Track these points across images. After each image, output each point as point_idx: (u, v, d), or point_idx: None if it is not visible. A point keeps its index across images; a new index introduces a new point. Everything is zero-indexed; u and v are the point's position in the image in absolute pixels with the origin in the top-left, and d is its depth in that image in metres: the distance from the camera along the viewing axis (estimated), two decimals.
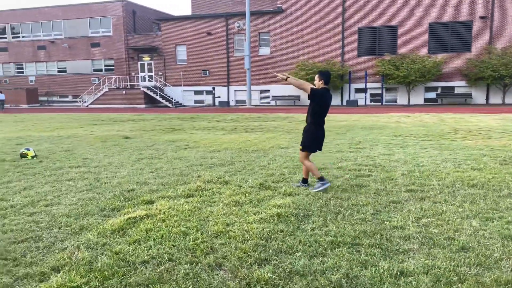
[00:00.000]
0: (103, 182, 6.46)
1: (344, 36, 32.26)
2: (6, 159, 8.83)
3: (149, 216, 4.52)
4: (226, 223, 4.27)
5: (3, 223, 4.43)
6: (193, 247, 3.65)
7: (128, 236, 3.95)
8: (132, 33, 37.92)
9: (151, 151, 9.74)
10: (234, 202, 5.07)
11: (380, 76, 31.01)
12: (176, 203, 5.02)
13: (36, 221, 4.51)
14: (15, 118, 23.23)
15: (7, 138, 13.03)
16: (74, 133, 14.09)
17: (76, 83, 39.70)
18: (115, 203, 5.13)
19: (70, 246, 3.75)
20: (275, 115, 21.51)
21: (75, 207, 5.05)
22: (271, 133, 13.11)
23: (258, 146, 10.07)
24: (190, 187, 5.90)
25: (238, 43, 35.38)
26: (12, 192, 5.90)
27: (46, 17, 39.90)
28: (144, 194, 5.57)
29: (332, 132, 13.03)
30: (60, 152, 9.83)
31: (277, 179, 6.36)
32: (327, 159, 8.10)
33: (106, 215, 4.70)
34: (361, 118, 18.41)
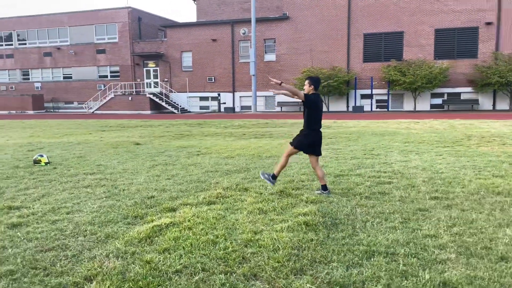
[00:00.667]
0: (121, 189, 6.40)
1: (350, 42, 32.27)
2: (19, 165, 8.80)
3: (174, 224, 4.45)
4: (253, 232, 4.20)
5: (27, 231, 4.37)
6: (225, 256, 3.57)
7: (157, 245, 3.88)
8: (138, 39, 38.07)
9: (164, 158, 9.68)
10: (257, 209, 5.00)
11: (386, 82, 30.97)
12: (200, 211, 4.96)
13: (60, 229, 4.45)
14: (22, 124, 23.26)
15: (18, 144, 13.01)
16: (84, 139, 14.07)
17: (81, 89, 39.81)
18: (138, 211, 5.07)
19: (99, 255, 3.68)
20: (282, 121, 21.47)
21: (97, 214, 4.99)
22: (282, 139, 13.04)
23: (271, 152, 10.01)
24: (210, 194, 5.84)
25: (244, 50, 35.45)
26: (31, 199, 5.84)
27: (52, 24, 40.13)
28: (165, 201, 5.51)
29: (344, 138, 12.96)
30: (73, 158, 9.79)
31: (297, 186, 6.28)
32: (344, 166, 8.02)
33: (130, 223, 4.63)
34: (370, 124, 18.34)
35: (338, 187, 6.21)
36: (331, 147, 10.99)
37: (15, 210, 5.28)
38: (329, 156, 9.34)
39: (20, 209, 5.30)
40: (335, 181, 6.64)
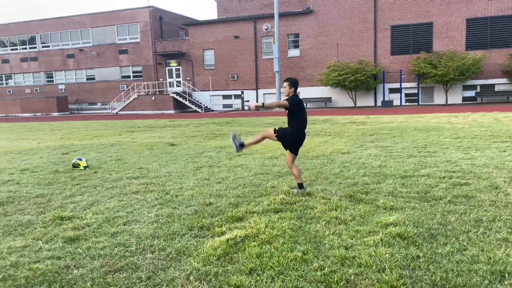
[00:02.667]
0: (173, 194, 5.96)
1: (377, 35, 31.36)
2: (59, 170, 8.47)
3: (249, 237, 3.96)
4: (343, 246, 3.67)
5: (88, 247, 3.95)
6: (325, 279, 3.06)
7: (239, 264, 3.39)
8: (160, 39, 37.90)
9: (205, 159, 9.24)
10: (334, 218, 4.47)
11: (416, 75, 29.96)
12: (270, 220, 4.46)
13: (122, 243, 4.01)
14: (50, 126, 23.25)
15: (51, 147, 12.79)
16: (116, 141, 13.77)
17: (104, 90, 39.92)
18: (201, 221, 4.60)
19: (177, 277, 3.21)
20: (313, 118, 20.84)
21: (157, 225, 4.55)
22: (321, 137, 12.46)
23: (316, 152, 9.46)
24: (273, 200, 5.33)
25: (267, 46, 34.89)
26: (80, 208, 5.45)
27: (74, 25, 40.32)
28: (227, 209, 5.03)
29: (386, 134, 12.30)
30: (111, 161, 9.44)
31: (364, 190, 5.72)
32: (405, 165, 7.41)
33: (198, 235, 4.17)
34: (407, 119, 17.57)
35: (412, 189, 5.62)
36: (378, 144, 10.37)
37: (67, 220, 4.88)
38: (382, 154, 8.73)
39: (72, 220, 4.90)
40: (405, 183, 6.05)
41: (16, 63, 43.37)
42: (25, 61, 42.97)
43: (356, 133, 13.06)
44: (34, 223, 4.83)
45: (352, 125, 15.98)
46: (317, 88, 33.01)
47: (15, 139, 16.12)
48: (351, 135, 12.60)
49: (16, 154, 11.48)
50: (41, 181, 7.38)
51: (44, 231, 4.50)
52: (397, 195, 5.41)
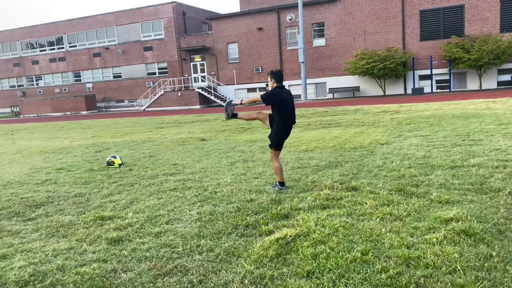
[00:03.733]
0: (211, 191, 5.80)
1: (405, 20, 30.39)
2: (94, 168, 8.47)
3: (300, 236, 3.74)
4: (404, 245, 3.40)
5: (133, 248, 3.82)
6: (392, 283, 2.81)
7: (294, 266, 3.18)
8: (183, 34, 37.95)
9: (238, 154, 9.07)
10: (388, 214, 4.20)
11: (447, 60, 28.90)
12: (319, 218, 4.22)
13: (168, 244, 3.87)
14: (80, 124, 23.63)
15: (84, 145, 12.91)
16: (147, 138, 13.79)
17: (131, 87, 40.39)
18: (245, 218, 4.41)
19: (231, 280, 3.03)
20: (342, 108, 20.38)
21: (201, 224, 4.39)
22: (355, 128, 12.09)
23: (353, 143, 9.13)
24: (317, 195, 5.09)
25: (291, 36, 34.41)
26: (120, 207, 5.36)
27: (99, 24, 40.86)
28: (270, 206, 4.82)
29: (424, 123, 11.81)
30: (144, 158, 9.40)
31: (413, 183, 5.40)
32: (451, 155, 7.02)
33: (244, 234, 3.98)
34: (442, 106, 16.91)
35: (465, 181, 5.27)
36: (417, 133, 9.94)
37: (108, 220, 4.79)
38: (424, 144, 8.33)
39: (113, 220, 4.81)
40: (455, 174, 5.69)
41: (45, 64, 44.40)
42: (53, 61, 43.93)
43: (392, 123, 12.62)
44: (76, 224, 4.76)
45: (386, 114, 15.48)
46: (344, 78, 32.36)
47: (48, 139, 16.40)
48: (387, 125, 12.17)
49: (50, 153, 11.62)
50: (77, 180, 7.37)
51: (87, 232, 4.41)
52: (449, 187, 5.08)
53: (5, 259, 3.81)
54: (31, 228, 4.72)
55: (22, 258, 3.78)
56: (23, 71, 45.73)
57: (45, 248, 4.01)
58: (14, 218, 5.18)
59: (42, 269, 3.48)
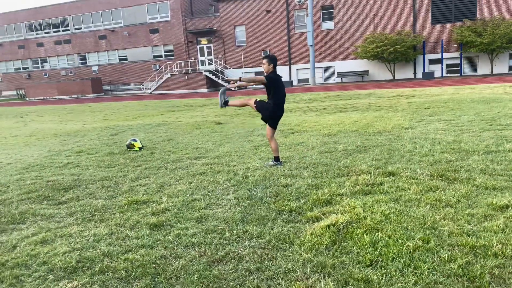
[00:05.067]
0: (243, 175, 5.67)
1: (416, 3, 29.82)
2: (114, 151, 8.35)
3: (351, 223, 3.62)
4: (464, 233, 3.28)
5: (177, 234, 3.71)
6: (465, 273, 2.68)
7: (354, 254, 3.06)
8: (190, 16, 37.43)
9: (259, 138, 8.92)
10: (437, 201, 4.06)
11: (459, 44, 28.44)
12: (366, 204, 4.09)
13: (212, 230, 3.75)
14: (89, 107, 23.47)
15: (98, 128, 12.78)
16: (160, 121, 13.64)
17: (137, 70, 40.06)
18: (287, 204, 4.29)
19: (290, 269, 2.91)
20: (354, 92, 20.12)
21: (241, 209, 4.27)
22: (373, 112, 11.90)
23: (376, 128, 8.96)
24: (355, 181, 4.95)
25: (299, 19, 33.89)
26: (152, 191, 5.24)
27: (105, 6, 40.32)
28: (308, 191, 4.69)
29: (443, 108, 11.60)
30: (163, 141, 9.27)
31: (452, 168, 5.25)
32: (484, 140, 6.85)
33: (290, 220, 3.86)
34: (457, 91, 16.65)
35: (507, 166, 5.12)
36: (439, 118, 9.76)
37: (143, 205, 4.68)
38: (450, 129, 8.16)
39: (148, 204, 4.69)
40: (493, 159, 5.54)
41: (50, 46, 44.02)
42: (59, 44, 43.53)
43: (410, 107, 12.41)
44: (110, 208, 4.65)
45: (401, 99, 15.26)
46: (353, 62, 31.96)
47: (59, 121, 16.28)
48: (405, 109, 11.97)
49: (65, 136, 11.50)
50: (100, 163, 7.25)
51: (124, 217, 4.30)
52: (492, 173, 4.93)
53: (46, 244, 3.71)
54: (64, 212, 4.61)
55: (64, 243, 3.67)
56: (28, 53, 45.38)
57: (84, 233, 3.90)
58: (45, 202, 5.08)
59: (88, 255, 3.37)
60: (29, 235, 3.94)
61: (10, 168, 7.37)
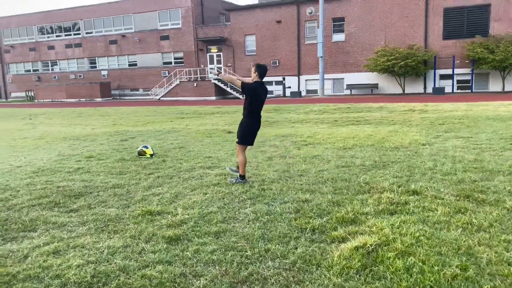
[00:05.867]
0: (259, 188, 5.50)
1: (428, 18, 29.72)
2: (125, 157, 8.22)
3: (380, 245, 3.42)
4: (504, 261, 3.08)
5: (195, 250, 3.53)
6: None
7: (388, 281, 2.87)
8: (201, 24, 37.56)
9: (272, 149, 8.75)
10: (468, 224, 3.86)
11: (470, 60, 28.23)
12: (393, 224, 3.90)
13: (232, 247, 3.57)
14: (98, 112, 23.45)
15: (107, 133, 12.67)
16: (170, 128, 13.51)
17: (146, 76, 40.15)
18: (309, 221, 4.10)
19: None
20: (364, 105, 19.94)
21: (260, 224, 4.08)
22: (386, 126, 11.71)
23: (392, 143, 8.76)
24: (379, 199, 4.76)
25: (310, 30, 33.87)
26: (166, 201, 5.08)
27: (117, 11, 40.58)
28: (330, 208, 4.51)
29: (458, 124, 11.39)
30: (174, 149, 9.12)
31: (478, 189, 5.04)
32: (502, 160, 6.64)
33: (314, 240, 3.67)
34: (470, 107, 16.42)
35: None
36: (456, 135, 9.55)
37: (157, 216, 4.51)
38: (469, 147, 7.95)
39: (162, 215, 4.53)
40: None
41: (61, 50, 44.29)
42: (69, 47, 43.80)
43: (424, 122, 12.21)
44: (124, 218, 4.48)
45: (413, 113, 15.06)
46: (363, 74, 31.83)
47: (68, 125, 16.22)
48: (419, 124, 11.77)
49: (74, 140, 11.40)
50: (111, 169, 7.11)
51: (139, 228, 4.13)
52: None
53: (59, 255, 3.54)
54: (76, 221, 4.45)
55: (77, 255, 3.50)
56: (39, 55, 45.69)
57: (98, 245, 3.73)
58: (56, 209, 4.93)
59: (103, 270, 3.20)
60: (41, 245, 3.77)
61: (20, 171, 7.24)
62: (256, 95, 5.58)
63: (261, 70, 5.59)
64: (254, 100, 5.60)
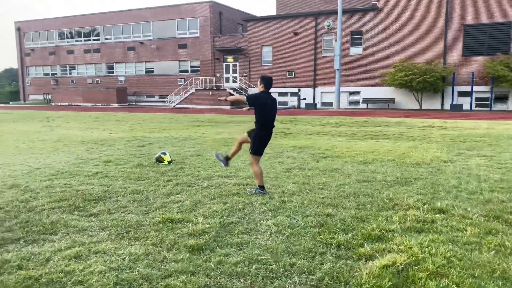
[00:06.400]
0: (279, 200, 5.42)
1: (447, 34, 29.50)
2: (143, 163, 8.21)
3: (410, 265, 3.30)
4: None
5: (218, 260, 3.45)
6: None
7: None
8: (218, 34, 37.86)
9: (289, 160, 8.67)
10: (501, 246, 3.72)
11: (490, 78, 27.88)
12: (421, 243, 3.77)
13: (256, 259, 3.48)
14: (115, 117, 23.65)
15: (125, 138, 12.73)
16: (187, 135, 13.53)
17: (162, 83, 40.51)
18: (333, 236, 3.99)
19: None
20: (382, 120, 19.76)
21: (283, 238, 3.99)
22: (405, 142, 11.54)
23: (413, 158, 8.60)
24: (404, 216, 4.63)
25: (327, 43, 33.89)
26: (186, 209, 5.02)
27: (136, 19, 41.17)
28: (354, 224, 4.40)
29: (480, 142, 11.16)
30: (192, 157, 9.10)
31: (507, 210, 4.88)
32: None
33: (341, 256, 3.56)
34: (492, 125, 16.13)
35: None
36: (479, 153, 9.34)
37: (178, 224, 4.46)
38: (493, 166, 7.76)
39: (183, 223, 4.46)
40: None
41: (79, 54, 45.02)
42: (88, 52, 44.50)
43: (444, 139, 12.01)
44: (145, 225, 4.43)
45: (433, 130, 14.85)
46: (380, 88, 31.64)
47: (85, 129, 16.36)
48: (440, 141, 11.57)
49: (92, 144, 11.46)
50: (130, 175, 7.10)
51: (160, 236, 4.07)
52: None
53: (80, 260, 3.50)
54: (97, 226, 4.42)
55: (99, 261, 3.45)
56: (58, 60, 46.49)
57: (119, 251, 3.68)
58: (76, 212, 4.91)
59: (125, 277, 3.14)
60: (62, 248, 3.74)
61: (39, 173, 7.28)
62: (263, 105, 5.61)
63: (266, 81, 5.65)
64: (262, 110, 5.64)
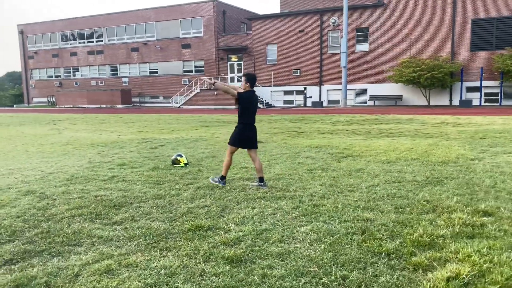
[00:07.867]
0: (309, 203, 5.12)
1: (455, 29, 29.12)
2: (159, 166, 7.94)
3: (476, 276, 3.01)
4: None
5: (262, 274, 3.16)
6: None
7: None
8: (222, 33, 37.57)
9: (308, 160, 8.39)
10: None
11: (499, 73, 27.49)
12: (479, 251, 3.47)
13: (302, 272, 3.19)
14: (121, 118, 23.40)
15: (135, 140, 12.46)
16: (197, 136, 13.25)
17: (167, 84, 40.25)
18: (381, 244, 3.70)
19: None
20: (392, 117, 19.43)
21: (325, 247, 3.70)
22: (424, 139, 11.22)
23: (438, 157, 8.29)
24: (450, 220, 4.33)
25: (333, 40, 33.54)
26: (214, 215, 4.74)
27: (139, 19, 40.92)
28: (398, 229, 4.10)
29: (501, 138, 10.84)
30: (207, 158, 8.83)
31: None
32: None
33: (393, 267, 3.27)
34: (507, 121, 15.79)
35: None
36: (503, 150, 9.04)
37: (209, 231, 4.18)
38: None
39: (214, 231, 4.19)
40: None
41: (83, 56, 44.81)
42: (91, 54, 44.28)
43: (462, 136, 11.69)
44: (173, 233, 4.15)
45: (447, 126, 14.52)
46: (387, 85, 31.28)
47: (93, 131, 16.11)
48: (459, 138, 11.26)
49: (103, 146, 11.20)
50: (148, 178, 6.83)
51: (193, 245, 3.79)
52: None
53: (112, 275, 3.22)
54: (122, 235, 4.14)
55: (132, 276, 3.17)
56: (61, 62, 46.30)
57: (152, 264, 3.40)
58: (98, 221, 4.63)
59: None
60: (90, 262, 3.46)
61: (53, 178, 7.01)
62: (249, 104, 5.85)
63: (251, 80, 5.83)
64: (247, 109, 5.85)
